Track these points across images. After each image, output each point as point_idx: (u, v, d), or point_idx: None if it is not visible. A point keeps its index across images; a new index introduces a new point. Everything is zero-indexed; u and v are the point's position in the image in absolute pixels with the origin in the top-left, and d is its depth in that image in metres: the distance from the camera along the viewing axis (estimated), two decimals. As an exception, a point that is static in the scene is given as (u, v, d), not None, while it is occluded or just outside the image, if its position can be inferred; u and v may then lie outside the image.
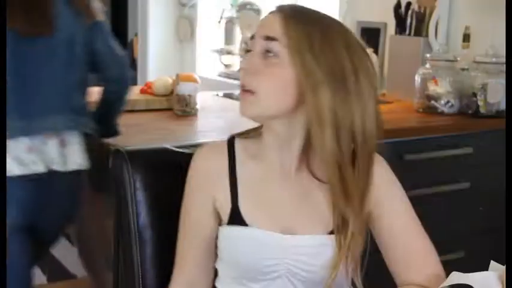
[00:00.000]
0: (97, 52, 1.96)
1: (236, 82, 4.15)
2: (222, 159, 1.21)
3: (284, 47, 1.11)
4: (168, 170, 1.37)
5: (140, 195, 1.33)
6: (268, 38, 1.12)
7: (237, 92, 3.26)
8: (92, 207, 2.13)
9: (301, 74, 1.10)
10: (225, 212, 1.19)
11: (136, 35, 5.32)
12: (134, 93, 2.61)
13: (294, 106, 1.13)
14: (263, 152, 1.20)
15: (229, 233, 1.18)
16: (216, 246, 1.23)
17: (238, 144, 1.23)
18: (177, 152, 1.37)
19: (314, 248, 1.16)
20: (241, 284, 1.19)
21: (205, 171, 1.22)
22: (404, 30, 2.92)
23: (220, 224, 1.22)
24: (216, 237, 1.22)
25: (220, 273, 1.24)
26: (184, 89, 2.40)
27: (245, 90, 1.14)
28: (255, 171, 1.20)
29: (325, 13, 1.18)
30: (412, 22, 2.89)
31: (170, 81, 2.56)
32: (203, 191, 1.22)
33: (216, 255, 1.24)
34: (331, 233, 1.16)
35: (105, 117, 2.04)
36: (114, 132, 2.06)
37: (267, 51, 1.13)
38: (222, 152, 1.22)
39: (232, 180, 1.19)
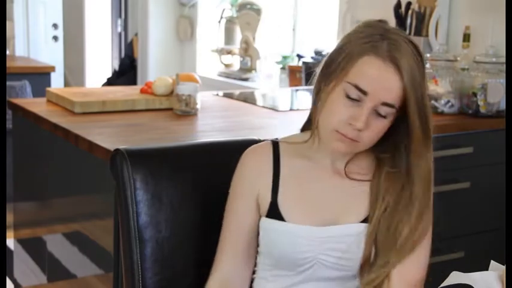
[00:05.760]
0: None
1: (236, 82, 4.14)
2: (268, 157, 1.30)
3: (396, 110, 1.19)
4: (168, 170, 1.37)
5: (140, 195, 1.33)
6: (386, 105, 1.17)
7: (236, 91, 3.26)
8: None
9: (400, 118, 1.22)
10: (265, 206, 1.28)
11: (136, 35, 5.32)
12: (134, 93, 2.61)
13: None
14: (314, 154, 1.29)
15: (267, 226, 1.27)
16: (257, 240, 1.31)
17: (283, 146, 1.32)
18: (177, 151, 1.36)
19: (352, 236, 1.23)
20: (278, 270, 1.28)
21: (251, 168, 1.30)
22: (405, 30, 2.92)
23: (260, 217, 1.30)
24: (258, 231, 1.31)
25: (258, 259, 1.32)
26: (184, 89, 2.40)
27: (349, 138, 1.19)
28: (301, 169, 1.29)
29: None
30: (412, 22, 2.89)
31: (170, 81, 2.56)
32: (249, 187, 1.30)
33: (256, 251, 1.32)
34: (365, 221, 1.25)
35: None
36: None
37: (379, 113, 1.18)
38: (268, 151, 1.31)
39: (275, 176, 1.28)
